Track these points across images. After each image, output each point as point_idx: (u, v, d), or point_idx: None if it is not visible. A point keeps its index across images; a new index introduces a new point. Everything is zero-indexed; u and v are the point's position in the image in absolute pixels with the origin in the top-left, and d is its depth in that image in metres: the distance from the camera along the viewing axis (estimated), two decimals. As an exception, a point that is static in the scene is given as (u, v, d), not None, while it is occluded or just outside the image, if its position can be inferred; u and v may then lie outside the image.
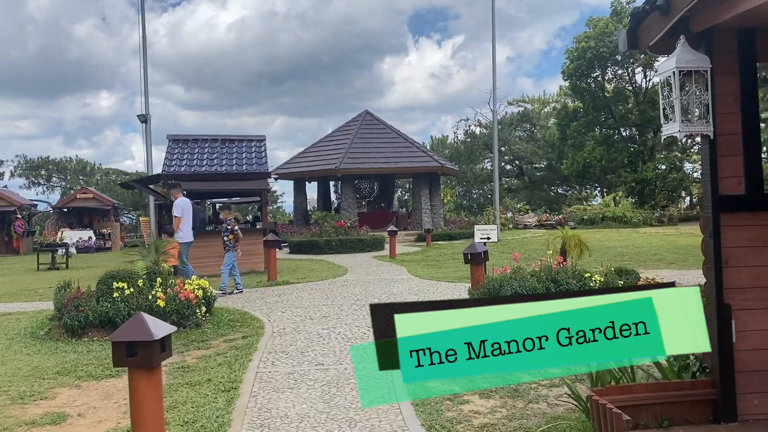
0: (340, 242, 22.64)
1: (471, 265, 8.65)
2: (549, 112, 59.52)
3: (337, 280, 14.08)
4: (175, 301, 8.32)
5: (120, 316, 8.07)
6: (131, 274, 8.66)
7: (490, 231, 13.06)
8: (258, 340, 7.75)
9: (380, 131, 32.88)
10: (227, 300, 11.20)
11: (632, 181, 42.63)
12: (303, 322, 8.87)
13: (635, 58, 42.36)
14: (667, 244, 21.22)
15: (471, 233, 28.54)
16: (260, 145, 18.10)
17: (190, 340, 7.88)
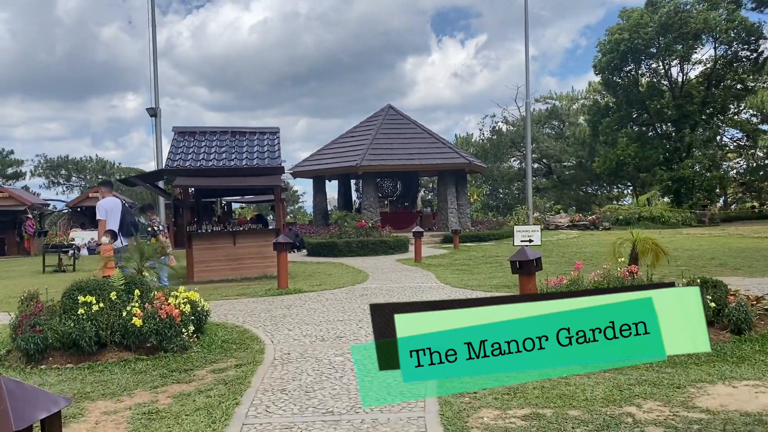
0: (361, 244, 21.00)
1: (520, 275, 6.95)
2: (578, 109, 57.40)
3: (357, 287, 12.45)
4: (155, 319, 6.73)
5: (85, 338, 6.51)
6: (103, 285, 7.09)
7: (533, 233, 11.32)
8: (254, 371, 6.13)
9: (404, 126, 31.18)
10: (227, 313, 9.61)
11: (668, 180, 40.48)
12: (312, 345, 7.24)
13: (672, 50, 40.19)
14: (720, 246, 19.29)
15: (500, 234, 26.82)
16: (273, 137, 16.53)
17: (170, 369, 6.29)
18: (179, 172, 14.66)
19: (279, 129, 16.81)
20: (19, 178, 64.29)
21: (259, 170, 15.14)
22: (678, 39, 39.80)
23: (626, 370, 5.75)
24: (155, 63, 22.76)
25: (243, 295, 11.68)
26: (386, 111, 32.46)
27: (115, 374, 6.19)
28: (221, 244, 15.34)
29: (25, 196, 32.37)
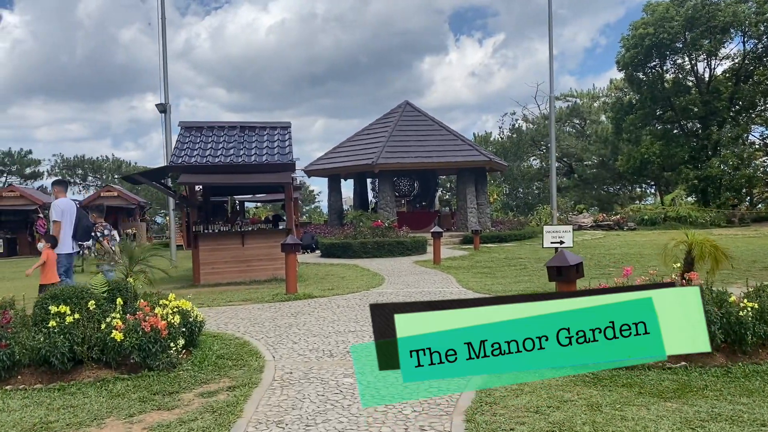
0: (377, 245, 20.07)
1: (559, 282, 6.00)
2: (599, 107, 56.05)
3: (371, 292, 11.52)
4: (137, 332, 5.86)
5: (56, 354, 5.66)
6: (80, 293, 6.23)
7: (564, 234, 10.31)
8: (248, 396, 5.23)
9: (421, 123, 30.18)
10: (227, 322, 8.73)
11: (694, 179, 39.06)
12: (319, 362, 6.33)
13: (699, 45, 38.81)
14: (758, 248, 18.18)
15: (522, 235, 25.76)
16: (284, 133, 15.65)
17: (152, 392, 5.41)
18: (183, 168, 13.84)
19: (290, 124, 15.93)
20: (37, 178, 64.33)
21: (269, 167, 14.27)
22: (705, 33, 38.38)
23: (693, 398, 4.78)
24: (165, 58, 21.99)
25: (248, 301, 10.81)
26: (403, 107, 31.48)
27: (89, 397, 5.33)
28: (229, 244, 14.51)
29: (36, 196, 31.86)
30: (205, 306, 10.31)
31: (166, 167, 14.47)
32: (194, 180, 14.24)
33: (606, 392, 5.04)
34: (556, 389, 5.14)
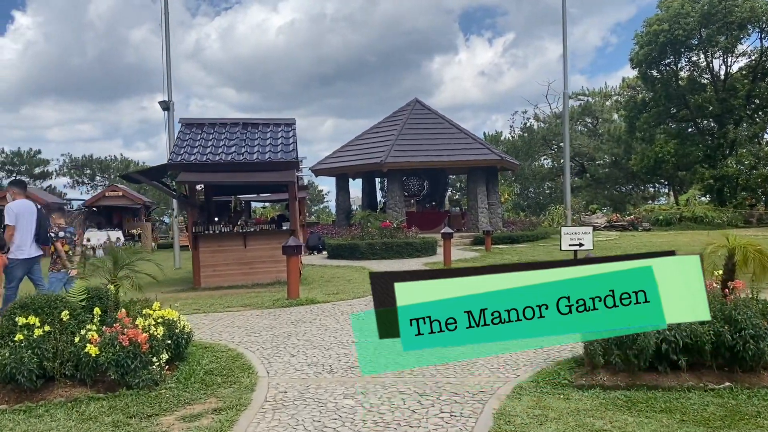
0: (385, 246, 19.43)
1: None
2: (611, 106, 55.16)
3: (378, 297, 10.90)
4: (114, 346, 5.26)
5: (23, 370, 5.07)
6: (53, 302, 5.63)
7: (583, 235, 9.64)
8: (235, 420, 4.62)
9: (431, 121, 29.50)
10: (222, 330, 8.13)
11: (710, 178, 38.17)
12: (317, 379, 5.71)
13: (715, 41, 37.91)
14: (783, 250, 17.34)
15: (535, 236, 25.05)
16: (288, 129, 15.05)
17: (128, 414, 4.81)
18: (183, 166, 13.26)
19: (294, 120, 15.33)
20: (46, 177, 64.18)
21: (272, 165, 13.67)
22: (722, 29, 37.48)
23: (745, 428, 4.12)
24: (168, 54, 21.46)
25: (247, 306, 10.20)
26: (413, 105, 30.82)
27: (57, 421, 4.73)
28: (231, 246, 13.93)
29: (40, 195, 31.42)
30: (201, 312, 9.73)
31: (165, 165, 13.90)
32: (194, 178, 13.66)
33: (643, 419, 4.39)
34: (585, 415, 4.50)
